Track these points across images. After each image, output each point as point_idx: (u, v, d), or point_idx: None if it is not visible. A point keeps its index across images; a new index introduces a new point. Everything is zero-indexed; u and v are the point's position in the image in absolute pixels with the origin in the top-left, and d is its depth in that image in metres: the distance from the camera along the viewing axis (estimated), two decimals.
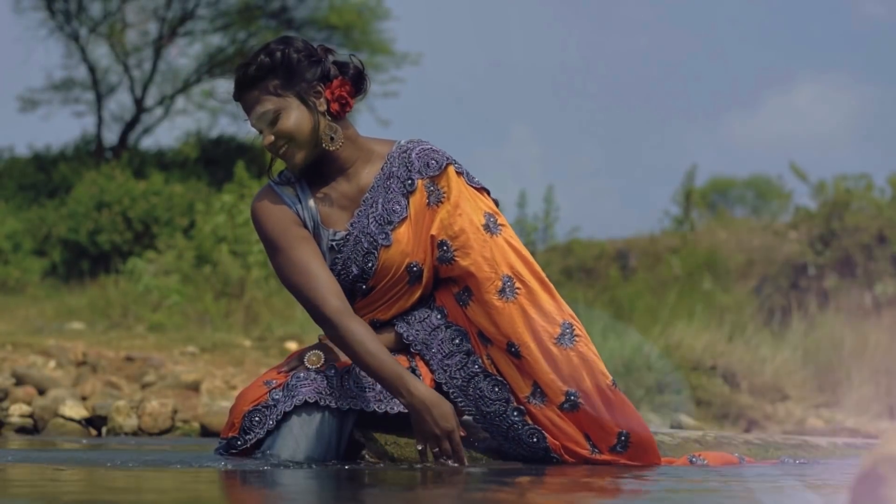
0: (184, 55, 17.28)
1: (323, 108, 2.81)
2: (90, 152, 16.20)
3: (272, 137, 2.78)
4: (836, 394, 7.73)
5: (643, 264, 12.26)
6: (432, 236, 2.82)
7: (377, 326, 2.90)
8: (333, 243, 2.85)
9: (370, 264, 2.83)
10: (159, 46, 16.60)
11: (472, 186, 2.87)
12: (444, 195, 2.83)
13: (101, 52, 19.12)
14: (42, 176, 15.07)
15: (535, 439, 2.83)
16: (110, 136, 16.84)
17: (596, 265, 12.46)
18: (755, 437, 3.62)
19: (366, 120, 20.36)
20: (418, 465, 2.75)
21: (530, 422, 2.83)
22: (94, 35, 16.69)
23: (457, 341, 2.84)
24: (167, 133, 33.91)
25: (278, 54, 2.78)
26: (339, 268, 2.84)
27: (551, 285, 2.85)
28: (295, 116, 2.78)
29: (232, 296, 9.69)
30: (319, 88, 2.81)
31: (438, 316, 2.86)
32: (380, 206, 2.84)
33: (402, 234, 2.83)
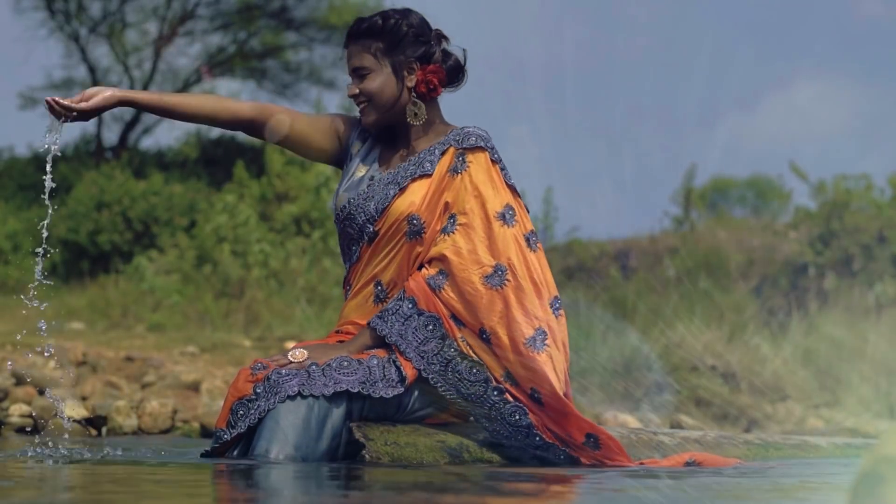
0: (183, 55, 17.27)
1: (411, 84, 3.00)
2: (90, 152, 16.19)
3: (357, 91, 3.00)
4: (836, 394, 7.73)
5: (643, 264, 12.25)
6: (447, 203, 2.93)
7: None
8: (368, 175, 3.03)
9: (384, 205, 2.96)
10: (159, 46, 16.59)
11: (505, 181, 2.97)
12: (466, 169, 2.94)
13: (101, 52, 19.15)
14: (42, 176, 15.04)
15: (517, 416, 2.87)
16: (110, 136, 16.85)
17: (596, 265, 12.46)
18: (755, 437, 3.62)
19: None
20: (418, 466, 2.75)
21: (511, 399, 2.88)
22: (94, 35, 16.69)
23: (430, 328, 2.89)
24: (167, 133, 33.86)
25: (391, 21, 2.98)
26: (361, 201, 3.00)
27: (545, 294, 2.89)
28: (381, 81, 2.99)
29: (232, 296, 9.70)
30: (415, 66, 3.00)
31: (409, 305, 2.91)
32: (415, 163, 2.99)
33: (419, 186, 2.97)
